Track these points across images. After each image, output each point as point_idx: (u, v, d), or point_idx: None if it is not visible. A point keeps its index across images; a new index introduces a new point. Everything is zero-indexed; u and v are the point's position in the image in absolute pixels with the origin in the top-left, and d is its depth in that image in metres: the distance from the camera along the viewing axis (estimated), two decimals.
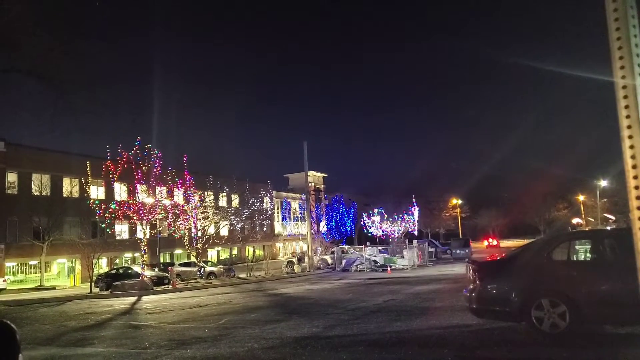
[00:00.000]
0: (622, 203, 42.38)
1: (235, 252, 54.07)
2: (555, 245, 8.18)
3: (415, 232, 48.86)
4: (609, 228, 15.07)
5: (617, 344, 7.17)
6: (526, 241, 12.69)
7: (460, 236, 64.33)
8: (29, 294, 25.90)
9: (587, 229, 27.34)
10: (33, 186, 35.44)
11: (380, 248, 35.65)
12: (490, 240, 64.12)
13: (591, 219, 63.20)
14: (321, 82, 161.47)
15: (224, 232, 40.81)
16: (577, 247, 8.67)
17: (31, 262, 34.87)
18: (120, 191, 28.98)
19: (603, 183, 57.29)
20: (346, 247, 39.90)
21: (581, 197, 69.64)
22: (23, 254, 33.86)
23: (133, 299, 19.71)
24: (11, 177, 34.62)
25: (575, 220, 69.91)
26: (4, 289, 29.21)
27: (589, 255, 8.47)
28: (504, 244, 61.27)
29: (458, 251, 41.21)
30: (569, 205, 79.54)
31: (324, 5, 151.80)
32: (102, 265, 35.60)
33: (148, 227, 26.72)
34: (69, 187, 37.66)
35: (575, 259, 8.34)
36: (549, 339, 7.08)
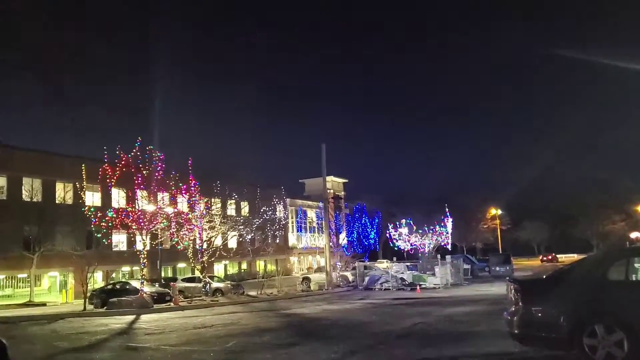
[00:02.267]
0: None
1: (244, 266, 54.35)
2: (612, 263, 8.01)
3: (449, 247, 48.42)
4: None
5: None
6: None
7: (500, 251, 63.53)
8: (18, 311, 26.45)
9: None
10: (23, 191, 36.02)
11: (408, 264, 35.38)
12: (546, 255, 66.20)
13: None
14: (340, 81, 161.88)
15: (232, 243, 41.03)
16: (636, 265, 8.46)
17: (20, 276, 35.51)
18: (118, 197, 29.36)
19: None
20: (380, 263, 39.69)
21: None
22: (11, 266, 34.29)
23: (131, 317, 19.94)
24: (0, 181, 35.34)
25: (634, 235, 68.43)
26: None
27: None
28: (562, 258, 62.08)
29: (497, 268, 40.67)
30: (627, 217, 77.90)
31: (346, 6, 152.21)
32: (97, 280, 36.12)
33: (148, 237, 27.07)
34: (62, 192, 38.23)
35: (635, 278, 8.15)
36: None
